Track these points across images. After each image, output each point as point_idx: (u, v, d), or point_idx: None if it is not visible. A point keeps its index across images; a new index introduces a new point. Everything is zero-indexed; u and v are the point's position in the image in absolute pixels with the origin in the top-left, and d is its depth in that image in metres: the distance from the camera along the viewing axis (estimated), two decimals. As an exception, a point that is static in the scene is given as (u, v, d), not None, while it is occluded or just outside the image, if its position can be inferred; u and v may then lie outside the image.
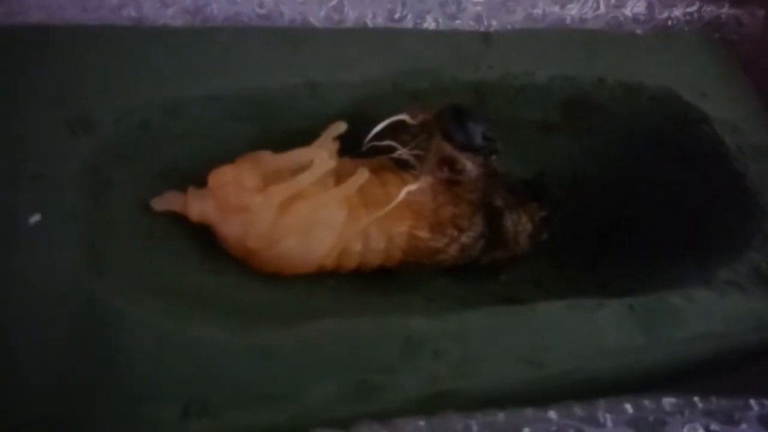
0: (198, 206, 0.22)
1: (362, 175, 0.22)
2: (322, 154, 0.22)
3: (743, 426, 0.19)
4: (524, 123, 0.28)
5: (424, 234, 0.23)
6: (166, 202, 0.22)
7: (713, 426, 0.19)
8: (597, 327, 0.21)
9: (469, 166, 0.23)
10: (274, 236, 0.21)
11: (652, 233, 0.28)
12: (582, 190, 0.29)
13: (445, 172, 0.22)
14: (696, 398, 0.20)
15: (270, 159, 0.22)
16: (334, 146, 0.23)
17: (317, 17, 0.26)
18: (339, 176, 0.23)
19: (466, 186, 0.23)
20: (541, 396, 0.20)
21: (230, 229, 0.21)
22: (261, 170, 0.22)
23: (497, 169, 0.24)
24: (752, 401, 0.20)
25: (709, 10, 0.30)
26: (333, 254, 0.23)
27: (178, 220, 0.22)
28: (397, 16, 0.27)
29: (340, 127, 0.23)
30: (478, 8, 0.27)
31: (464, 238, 0.24)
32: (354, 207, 0.23)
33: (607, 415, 0.19)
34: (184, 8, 0.25)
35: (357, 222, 0.22)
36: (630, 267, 0.27)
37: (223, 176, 0.22)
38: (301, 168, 0.22)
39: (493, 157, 0.23)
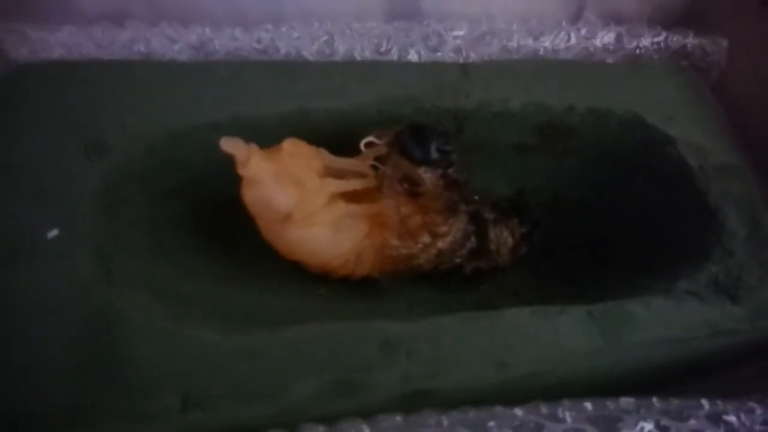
0: (258, 162, 0.22)
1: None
2: (373, 172, 0.24)
3: (692, 422, 0.20)
4: (503, 146, 0.30)
5: (393, 242, 0.25)
6: (233, 144, 0.22)
7: (663, 422, 0.20)
8: (558, 331, 0.22)
9: (428, 178, 0.24)
10: (314, 219, 0.23)
11: (622, 248, 0.30)
12: (559, 207, 0.31)
13: (405, 186, 0.24)
14: (654, 399, 0.22)
15: (326, 157, 0.24)
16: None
17: (310, 51, 0.28)
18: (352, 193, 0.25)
19: (428, 196, 0.25)
20: (510, 395, 0.21)
21: (282, 195, 0.23)
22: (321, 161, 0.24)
23: (457, 178, 0.25)
24: (704, 401, 0.22)
25: (675, 39, 0.32)
26: (341, 260, 0.25)
27: (183, 234, 0.25)
28: (383, 49, 0.29)
29: (380, 150, 0.25)
30: (458, 42, 0.29)
31: (440, 244, 0.25)
32: (372, 226, 0.25)
33: (567, 412, 0.21)
34: (189, 44, 0.28)
35: (369, 239, 0.25)
36: (602, 279, 0.29)
37: (298, 148, 0.23)
38: (342, 174, 0.24)
39: (451, 168, 0.25)
